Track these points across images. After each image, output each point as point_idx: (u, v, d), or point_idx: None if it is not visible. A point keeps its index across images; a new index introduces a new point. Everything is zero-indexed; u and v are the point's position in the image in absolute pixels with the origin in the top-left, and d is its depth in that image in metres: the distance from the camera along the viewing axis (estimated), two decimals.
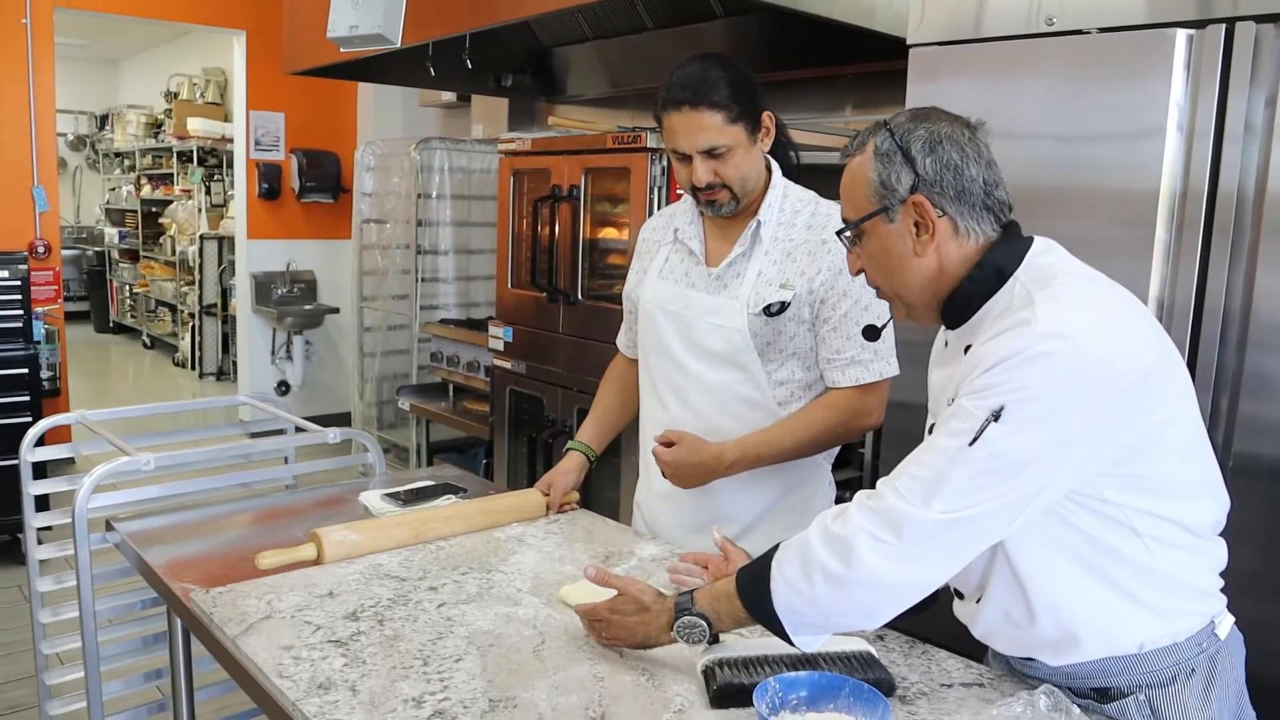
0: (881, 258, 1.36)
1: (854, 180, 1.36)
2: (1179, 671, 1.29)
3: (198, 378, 8.67)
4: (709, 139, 1.80)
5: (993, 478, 1.17)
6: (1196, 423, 1.31)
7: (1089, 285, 1.28)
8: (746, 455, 1.84)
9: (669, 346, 1.95)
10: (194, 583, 1.70)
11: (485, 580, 1.73)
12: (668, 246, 2.02)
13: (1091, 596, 1.27)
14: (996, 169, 1.33)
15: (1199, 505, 1.30)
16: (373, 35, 2.79)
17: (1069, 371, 1.16)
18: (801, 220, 1.90)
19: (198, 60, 9.31)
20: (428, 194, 5.19)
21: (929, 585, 1.24)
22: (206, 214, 8.70)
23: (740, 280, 1.89)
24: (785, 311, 1.85)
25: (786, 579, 1.27)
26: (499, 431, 4.02)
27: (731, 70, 1.82)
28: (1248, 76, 1.83)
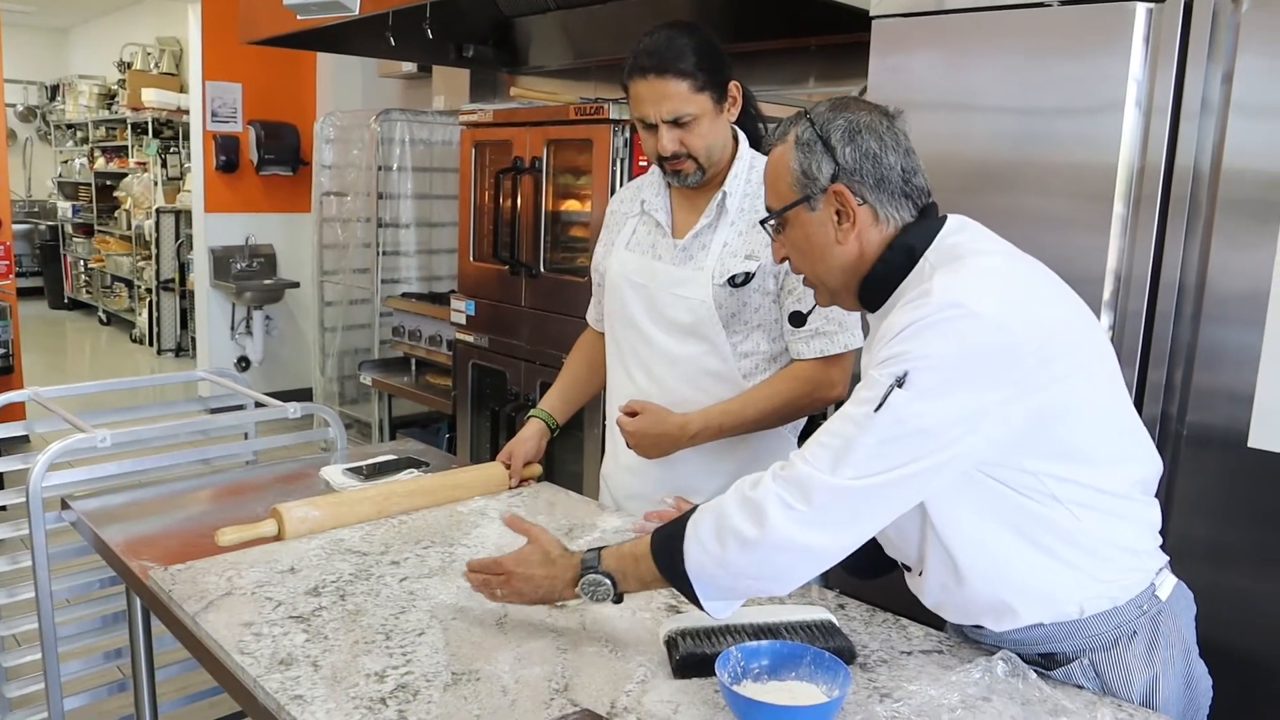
0: (804, 245, 1.38)
1: (776, 170, 1.38)
2: (1120, 634, 1.31)
3: (156, 354, 8.55)
4: (674, 107, 1.79)
5: (898, 444, 1.19)
6: (1113, 389, 1.33)
7: (992, 260, 1.30)
8: (710, 426, 1.85)
9: (634, 318, 1.95)
10: (153, 560, 1.69)
11: (448, 554, 1.73)
12: (635, 219, 2.02)
13: (1020, 563, 1.29)
14: (915, 156, 1.36)
15: (1119, 470, 1.31)
16: (331, 3, 2.74)
17: (967, 339, 1.18)
18: None
19: (151, 29, 9.11)
20: (388, 166, 5.13)
21: (838, 550, 1.26)
22: (163, 187, 8.54)
23: (706, 252, 1.89)
24: (750, 283, 1.85)
25: (699, 540, 1.29)
26: (462, 406, 4.00)
27: (698, 38, 1.81)
28: (1205, 52, 1.85)
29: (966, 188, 2.18)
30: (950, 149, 2.20)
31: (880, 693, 1.29)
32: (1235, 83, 1.81)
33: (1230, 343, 1.85)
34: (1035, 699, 1.26)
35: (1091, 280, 2.01)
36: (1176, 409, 1.94)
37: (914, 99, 2.26)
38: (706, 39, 1.83)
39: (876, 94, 2.33)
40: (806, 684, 1.24)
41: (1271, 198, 1.78)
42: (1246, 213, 1.82)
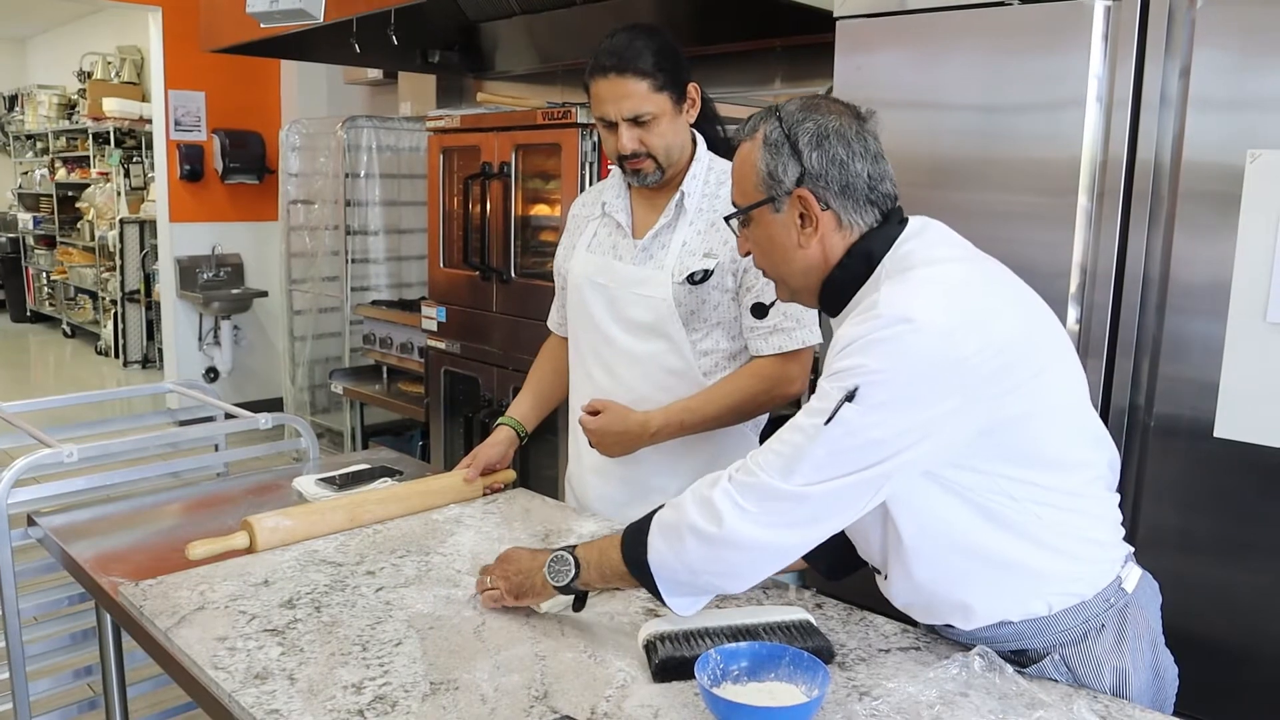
0: (767, 244, 1.39)
1: (743, 166, 1.38)
2: (1089, 628, 1.32)
3: (122, 366, 8.44)
4: (634, 106, 1.82)
5: (848, 455, 1.21)
6: (1071, 390, 1.34)
7: (943, 269, 1.30)
8: (671, 423, 1.87)
9: (596, 318, 1.97)
10: (122, 576, 1.67)
11: (424, 563, 1.72)
12: (596, 221, 2.04)
13: (980, 562, 1.30)
14: (883, 161, 1.36)
15: (1076, 471, 1.32)
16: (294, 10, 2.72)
17: (914, 353, 1.19)
18: (725, 191, 1.89)
19: (112, 38, 8.99)
20: (356, 173, 5.09)
21: (792, 550, 1.27)
22: (126, 197, 8.44)
23: (665, 251, 1.91)
24: (709, 280, 1.87)
25: (663, 534, 1.31)
26: (434, 413, 3.98)
27: (658, 40, 1.84)
28: (1163, 47, 1.87)
29: (932, 185, 2.19)
30: (915, 147, 2.22)
31: (859, 691, 1.30)
32: (1193, 77, 1.84)
33: (1195, 333, 1.88)
34: (1012, 693, 1.27)
35: (1058, 274, 2.03)
36: (1144, 400, 1.96)
37: (879, 98, 2.28)
38: (666, 41, 1.86)
39: (842, 94, 2.34)
40: (786, 684, 1.25)
41: (1230, 189, 1.81)
42: (1207, 204, 1.85)
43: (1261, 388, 1.80)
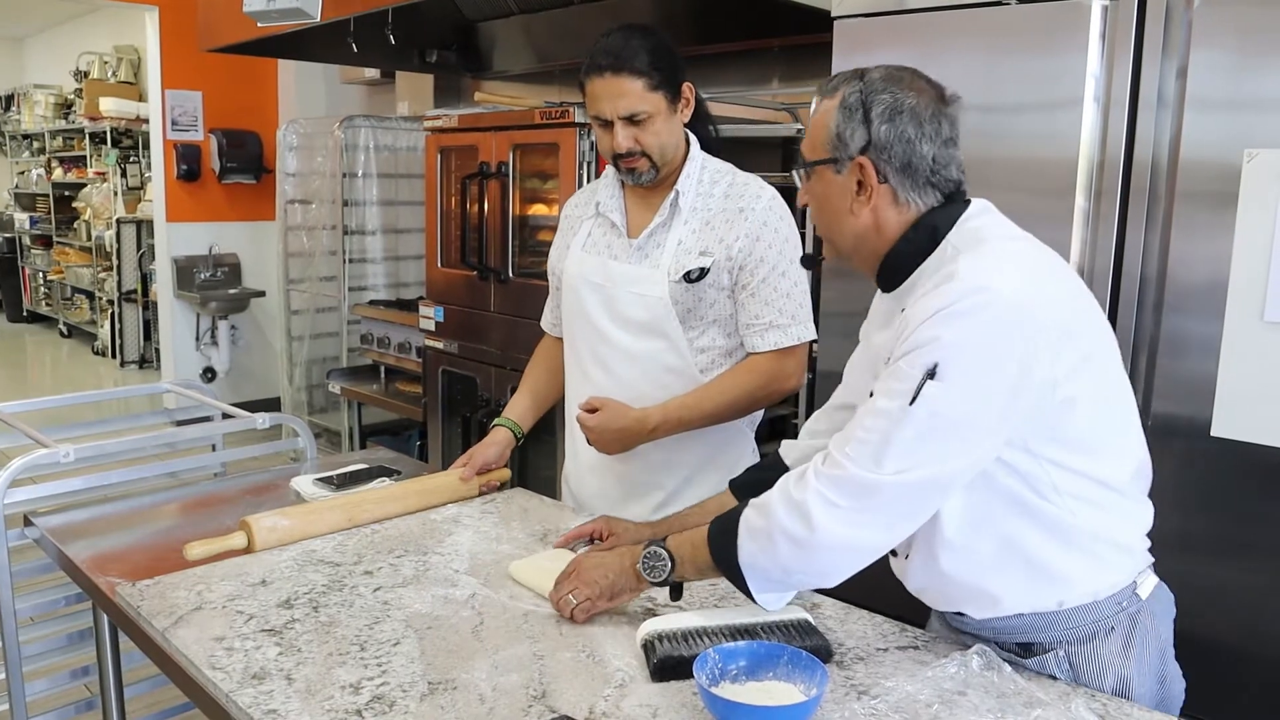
0: (822, 202, 1.40)
1: (818, 122, 1.37)
2: (1099, 629, 1.32)
3: (119, 366, 8.43)
4: (629, 105, 1.83)
5: (936, 435, 1.20)
6: (1121, 382, 1.35)
7: (1014, 244, 1.32)
8: (669, 419, 1.87)
9: (592, 317, 1.97)
10: (120, 576, 1.66)
11: (422, 562, 1.71)
12: (590, 221, 2.04)
13: (1009, 554, 1.30)
14: (954, 147, 1.35)
15: (1120, 464, 1.33)
16: (291, 9, 2.72)
17: (994, 323, 1.19)
18: (719, 190, 1.93)
19: (108, 37, 8.98)
20: (353, 173, 5.09)
21: (885, 545, 1.27)
22: (123, 197, 8.43)
23: (661, 250, 1.92)
24: (705, 278, 1.88)
25: (753, 537, 1.31)
26: (432, 412, 3.98)
27: (654, 40, 1.85)
28: (1160, 47, 1.88)
29: None
30: None
31: (858, 690, 1.30)
32: (1190, 77, 1.84)
33: (1192, 333, 1.88)
34: (1010, 691, 1.27)
35: None
36: (1141, 399, 1.96)
37: None
38: (662, 41, 1.87)
39: None
40: (784, 684, 1.25)
41: (1227, 188, 1.81)
42: (1204, 204, 1.85)
43: (1259, 387, 1.80)
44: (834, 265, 2.39)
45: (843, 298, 2.37)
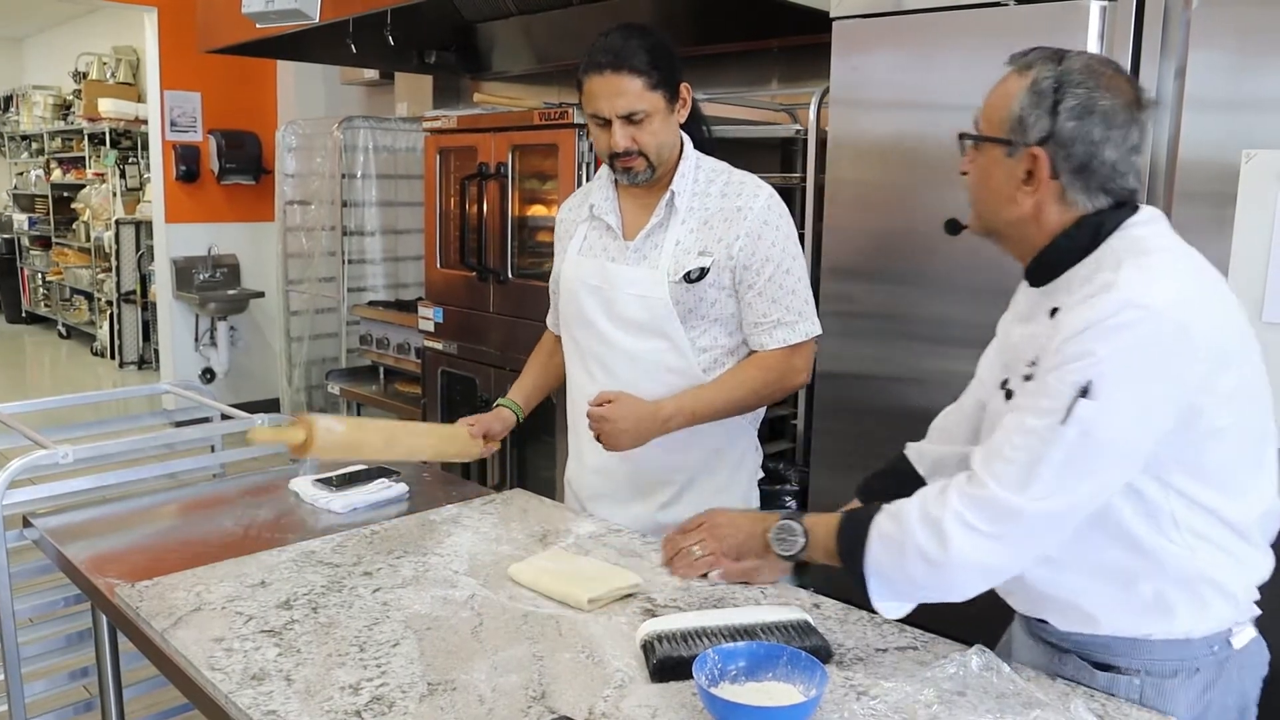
0: (983, 177, 1.34)
1: (1002, 96, 1.30)
2: (1183, 667, 1.28)
3: (118, 367, 8.42)
4: (628, 103, 1.82)
5: (1085, 459, 1.17)
6: (1265, 417, 1.29)
7: (1179, 259, 1.26)
8: (683, 410, 1.87)
9: (592, 320, 1.97)
10: (118, 577, 1.66)
11: (421, 563, 1.71)
12: (585, 224, 2.03)
13: (1115, 580, 1.27)
14: (1138, 155, 1.28)
15: (1249, 502, 1.27)
16: (290, 10, 2.72)
17: (1150, 343, 1.15)
18: (715, 189, 1.92)
19: (107, 38, 8.98)
20: (352, 174, 5.09)
21: (1016, 568, 1.27)
22: (122, 198, 8.42)
23: (659, 250, 1.91)
24: (705, 278, 1.87)
25: (885, 545, 1.30)
26: (431, 413, 3.97)
27: (652, 39, 1.85)
28: (1158, 48, 1.88)
29: (931, 186, 2.20)
30: (913, 148, 2.22)
31: (857, 691, 1.30)
32: (1188, 77, 1.85)
33: None
34: (1009, 692, 1.26)
35: None
36: None
37: (875, 98, 2.29)
38: (660, 40, 1.87)
39: (838, 95, 2.34)
40: (783, 684, 1.25)
41: (1226, 189, 1.81)
42: (1202, 204, 1.85)
43: None
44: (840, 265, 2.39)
45: (842, 297, 2.37)
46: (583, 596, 1.52)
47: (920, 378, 2.20)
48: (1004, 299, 2.10)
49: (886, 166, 2.26)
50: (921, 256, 2.22)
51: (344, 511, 2.02)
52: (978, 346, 2.15)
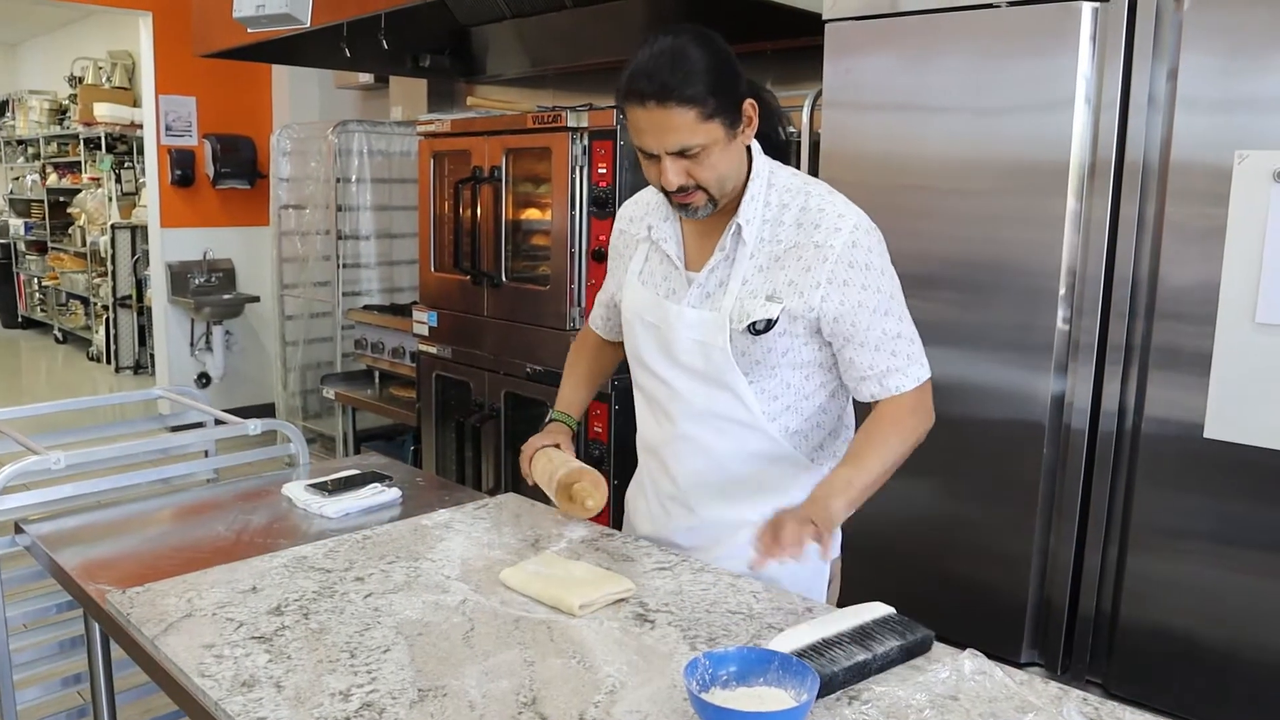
0: None
1: None
2: None
3: (114, 372, 8.41)
4: (680, 140, 1.54)
5: None
6: None
7: None
8: (842, 484, 1.57)
9: (648, 360, 1.77)
10: (110, 583, 1.66)
11: (413, 569, 1.71)
12: (646, 244, 1.79)
13: None
14: None
15: None
16: (281, 15, 2.71)
17: None
18: (790, 217, 1.63)
19: (103, 43, 8.97)
20: (347, 178, 5.09)
21: None
22: (117, 203, 8.41)
23: (723, 290, 1.65)
24: (772, 329, 1.62)
25: None
26: (426, 418, 3.97)
27: (709, 53, 1.54)
28: (1150, 49, 1.88)
29: (921, 187, 2.20)
30: (907, 148, 2.22)
31: (848, 695, 1.29)
32: (1180, 78, 1.85)
33: (1184, 334, 1.88)
34: (1002, 696, 1.26)
35: (1047, 276, 2.03)
36: (1134, 401, 1.96)
37: (869, 101, 2.28)
38: (717, 52, 1.55)
39: (831, 97, 2.34)
40: (775, 689, 1.24)
41: (1219, 190, 1.81)
42: (1195, 205, 1.85)
43: (1251, 389, 1.80)
44: None
45: None
46: (574, 602, 1.51)
47: None
48: (998, 300, 2.11)
49: (880, 168, 2.26)
50: (916, 258, 2.21)
51: (337, 516, 2.02)
52: (971, 347, 2.16)
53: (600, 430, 3.16)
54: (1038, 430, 2.07)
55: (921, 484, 2.21)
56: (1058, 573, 2.08)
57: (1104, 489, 2.01)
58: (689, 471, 1.77)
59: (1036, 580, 2.11)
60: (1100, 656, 2.05)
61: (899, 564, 2.24)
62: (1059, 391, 2.05)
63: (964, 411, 2.14)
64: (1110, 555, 2.02)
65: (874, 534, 1.86)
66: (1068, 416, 2.04)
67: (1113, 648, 2.02)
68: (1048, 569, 2.10)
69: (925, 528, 2.25)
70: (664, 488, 1.83)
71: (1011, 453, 2.12)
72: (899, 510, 2.24)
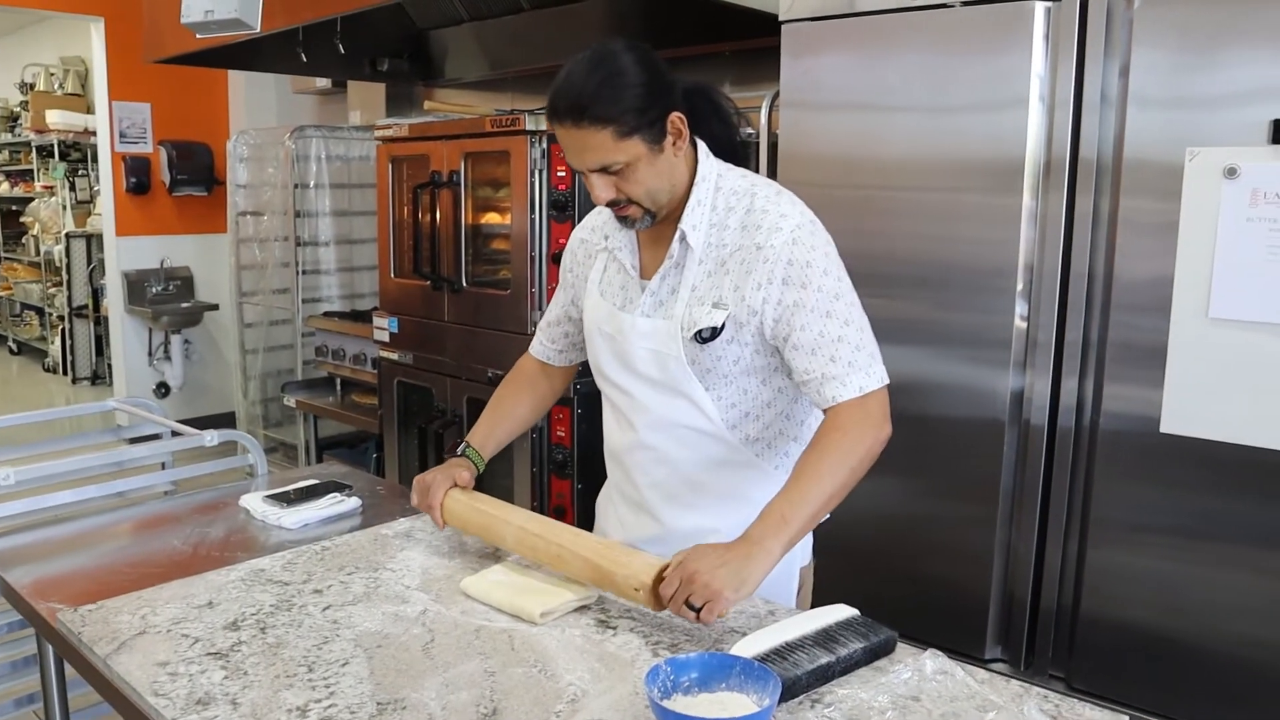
0: None
1: None
2: None
3: (71, 383, 8.27)
4: (598, 159, 1.53)
5: None
6: None
7: None
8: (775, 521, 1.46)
9: (608, 370, 1.74)
10: (62, 602, 1.62)
11: (373, 579, 1.68)
12: (605, 254, 1.77)
13: None
14: None
15: None
16: (230, 20, 2.67)
17: None
18: (735, 220, 1.60)
19: (54, 49, 8.82)
20: (305, 184, 5.04)
21: None
22: (72, 211, 8.28)
23: (675, 297, 1.63)
24: (718, 337, 1.59)
25: None
26: (388, 424, 3.93)
27: (631, 69, 1.51)
28: (1102, 47, 1.90)
29: (882, 185, 2.20)
30: (864, 148, 2.22)
31: (810, 698, 1.29)
32: (1131, 76, 1.86)
33: (1140, 329, 1.90)
34: (963, 695, 1.26)
35: (1005, 272, 2.05)
36: (1092, 397, 1.98)
37: (826, 100, 2.29)
38: (639, 65, 1.52)
39: (789, 97, 2.34)
40: (736, 694, 1.23)
41: (1171, 185, 1.83)
42: (1148, 200, 1.87)
43: (1205, 383, 1.82)
44: None
45: None
46: (534, 610, 1.50)
47: None
48: (957, 297, 2.12)
49: (837, 168, 2.26)
50: (874, 256, 2.22)
51: (296, 528, 1.99)
52: (931, 345, 2.17)
53: (563, 434, 3.14)
54: (998, 426, 2.08)
55: (883, 483, 2.21)
56: (1020, 568, 2.10)
57: (1064, 484, 2.03)
58: (652, 481, 1.75)
59: (999, 576, 2.12)
60: (1063, 651, 2.06)
61: (863, 564, 2.25)
62: (1018, 388, 2.06)
63: (925, 409, 2.15)
64: (1071, 550, 2.03)
65: (837, 534, 1.86)
66: (1027, 412, 2.06)
67: (1074, 642, 2.03)
68: (1010, 565, 2.11)
69: (888, 526, 2.26)
70: (630, 495, 1.81)
71: (972, 449, 2.13)
72: (862, 509, 2.24)
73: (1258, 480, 1.79)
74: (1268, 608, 1.81)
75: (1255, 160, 1.74)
